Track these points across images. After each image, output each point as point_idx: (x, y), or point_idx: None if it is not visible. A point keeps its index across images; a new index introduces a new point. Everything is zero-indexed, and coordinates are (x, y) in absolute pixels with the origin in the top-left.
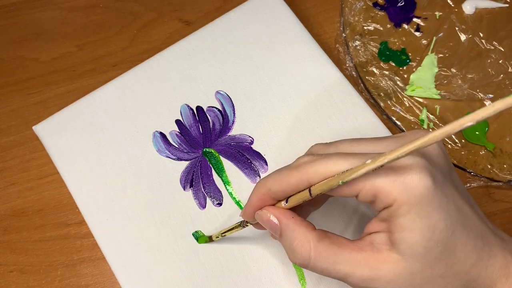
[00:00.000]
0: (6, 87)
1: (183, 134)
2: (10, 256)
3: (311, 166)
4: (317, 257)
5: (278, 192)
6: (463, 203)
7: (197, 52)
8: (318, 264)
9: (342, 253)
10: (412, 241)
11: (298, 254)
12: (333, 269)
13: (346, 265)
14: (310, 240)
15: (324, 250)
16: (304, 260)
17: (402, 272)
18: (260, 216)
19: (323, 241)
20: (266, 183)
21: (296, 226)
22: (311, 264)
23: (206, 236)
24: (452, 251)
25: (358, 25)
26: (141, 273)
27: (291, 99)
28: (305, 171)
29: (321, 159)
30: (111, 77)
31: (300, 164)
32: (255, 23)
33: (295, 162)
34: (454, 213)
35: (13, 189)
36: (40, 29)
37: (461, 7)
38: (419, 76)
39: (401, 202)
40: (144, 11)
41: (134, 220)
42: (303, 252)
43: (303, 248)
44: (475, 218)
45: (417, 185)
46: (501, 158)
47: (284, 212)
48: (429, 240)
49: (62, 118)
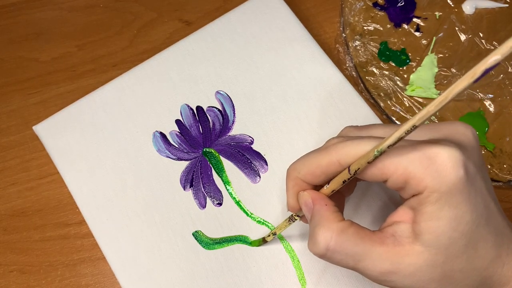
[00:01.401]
0: (6, 87)
1: (183, 134)
2: (10, 256)
3: (342, 147)
4: (336, 248)
5: (307, 175)
6: (489, 199)
7: (197, 52)
8: (336, 255)
9: (363, 246)
10: (438, 231)
11: (319, 242)
12: (351, 261)
13: (366, 259)
14: (334, 229)
15: (345, 240)
16: (322, 249)
17: (422, 265)
18: (300, 197)
19: (346, 232)
20: (296, 167)
21: (325, 213)
22: (328, 254)
23: (258, 239)
24: (474, 245)
25: (358, 25)
26: (141, 273)
27: (291, 99)
28: (335, 152)
29: (353, 140)
30: (111, 77)
31: (330, 146)
32: (255, 23)
33: (325, 144)
34: (480, 207)
35: (13, 189)
36: (40, 29)
37: (461, 7)
38: (419, 76)
39: (432, 190)
40: (144, 11)
41: (134, 220)
42: (322, 240)
43: (324, 235)
44: (498, 215)
45: (450, 174)
46: (501, 158)
47: (321, 197)
48: (455, 231)
49: (62, 118)
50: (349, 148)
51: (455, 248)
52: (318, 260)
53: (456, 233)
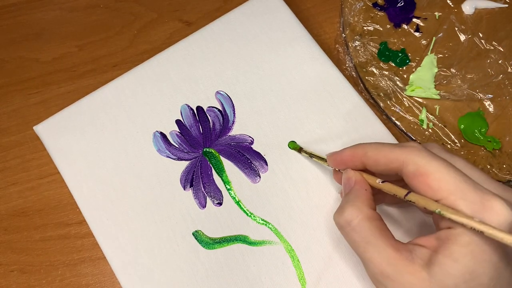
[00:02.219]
0: (6, 87)
1: (183, 134)
2: (10, 255)
3: (417, 153)
4: (356, 227)
5: (371, 158)
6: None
7: (197, 52)
8: (353, 233)
9: (380, 241)
10: (449, 271)
11: (345, 215)
12: (363, 246)
13: (375, 252)
14: (363, 212)
15: (367, 227)
16: (345, 221)
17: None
18: (347, 172)
19: (372, 221)
20: (366, 147)
21: (362, 196)
22: (348, 229)
23: (298, 145)
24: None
25: (358, 26)
26: (141, 273)
27: (291, 99)
28: (408, 153)
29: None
30: (111, 77)
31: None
32: (255, 24)
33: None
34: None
35: (13, 189)
36: (40, 29)
37: (460, 8)
38: (419, 76)
39: (467, 232)
40: (144, 11)
41: (135, 219)
42: (349, 215)
43: (352, 212)
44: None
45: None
46: (501, 158)
47: (364, 181)
48: (464, 282)
49: (63, 118)
50: (422, 159)
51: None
52: (318, 260)
53: (463, 285)
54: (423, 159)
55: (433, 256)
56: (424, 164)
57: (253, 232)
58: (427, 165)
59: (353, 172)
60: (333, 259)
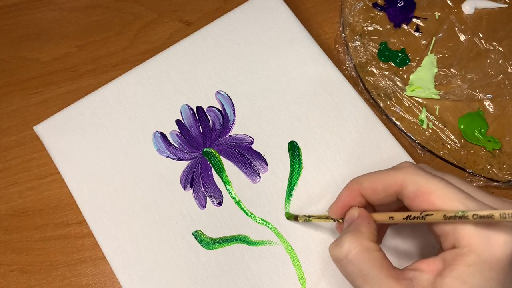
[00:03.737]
0: (6, 87)
1: (183, 134)
2: (11, 255)
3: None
4: (353, 259)
5: (368, 188)
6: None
7: (197, 53)
8: (350, 265)
9: (378, 272)
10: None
11: (341, 246)
12: (361, 279)
13: (374, 285)
14: (362, 243)
15: (366, 258)
16: (341, 254)
17: None
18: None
19: (371, 252)
20: (360, 179)
21: (362, 228)
22: (344, 261)
23: (292, 214)
24: None
25: (358, 26)
26: (141, 273)
27: (291, 99)
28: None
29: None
30: (111, 77)
31: (402, 167)
32: (255, 24)
33: (397, 165)
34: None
35: (13, 189)
36: (40, 29)
37: (460, 8)
38: (419, 76)
39: (473, 250)
40: (144, 11)
41: (134, 219)
42: (345, 246)
43: (350, 244)
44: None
45: (499, 246)
46: (501, 158)
47: (367, 216)
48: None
49: (63, 118)
50: (421, 178)
51: None
52: (318, 260)
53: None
54: (422, 178)
55: (437, 281)
56: (424, 183)
57: (253, 232)
58: (428, 184)
59: (356, 208)
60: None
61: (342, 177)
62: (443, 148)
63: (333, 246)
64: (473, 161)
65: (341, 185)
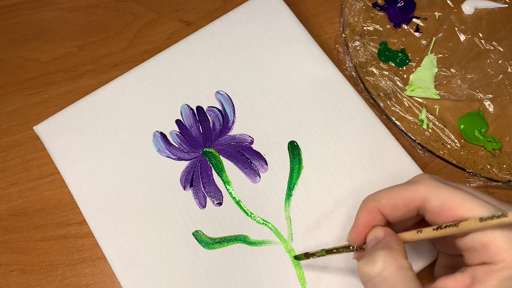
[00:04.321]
0: (6, 87)
1: (183, 134)
2: (11, 255)
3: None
4: (388, 278)
5: (387, 206)
6: None
7: (197, 53)
8: (382, 284)
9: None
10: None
11: (375, 263)
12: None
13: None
14: (396, 260)
15: (401, 277)
16: (374, 271)
17: None
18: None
19: (406, 271)
20: (376, 196)
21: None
22: (377, 279)
23: (302, 254)
24: None
25: (358, 26)
26: (141, 273)
27: (291, 99)
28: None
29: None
30: (111, 77)
31: (420, 180)
32: (255, 24)
33: (412, 178)
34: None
35: (13, 189)
36: (40, 29)
37: (460, 8)
38: (419, 76)
39: (508, 265)
40: (144, 11)
41: (134, 219)
42: (380, 263)
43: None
44: None
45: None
46: (501, 158)
47: (394, 235)
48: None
49: (63, 118)
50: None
51: None
52: (318, 260)
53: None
54: (445, 191)
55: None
56: (448, 196)
57: (253, 232)
58: (452, 197)
59: (379, 227)
60: (333, 259)
61: (342, 176)
62: (443, 148)
63: (364, 263)
64: (473, 161)
65: (341, 185)
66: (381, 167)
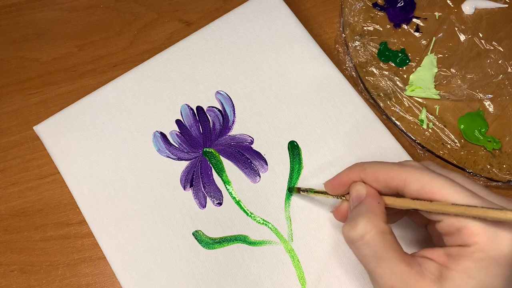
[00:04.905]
0: (6, 87)
1: (183, 134)
2: (11, 256)
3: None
4: (369, 241)
5: (370, 175)
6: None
7: (197, 53)
8: (365, 247)
9: (392, 255)
10: (463, 287)
11: (358, 229)
12: (375, 261)
13: (387, 267)
14: (378, 225)
15: (381, 241)
16: (358, 235)
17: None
18: (355, 185)
19: (386, 235)
20: (364, 164)
21: (375, 209)
22: (359, 243)
23: (295, 187)
24: None
25: (358, 26)
26: (141, 273)
27: (291, 99)
28: (409, 172)
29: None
30: (111, 77)
31: (407, 164)
32: (255, 24)
33: (402, 161)
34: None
35: (13, 189)
36: (40, 29)
37: (460, 8)
38: (419, 76)
39: (480, 248)
40: (144, 11)
41: (134, 219)
42: (362, 229)
43: (366, 225)
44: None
45: (506, 243)
46: (501, 158)
47: (376, 194)
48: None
49: (63, 118)
50: (425, 177)
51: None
52: (318, 260)
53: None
54: (426, 176)
55: (443, 271)
56: (428, 181)
57: (253, 232)
58: (432, 182)
59: (361, 184)
60: (333, 259)
61: None
62: (443, 148)
63: (347, 227)
64: (473, 161)
65: None
66: None
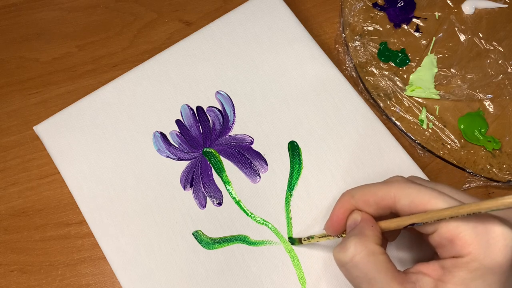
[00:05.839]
0: (6, 87)
1: (183, 134)
2: (10, 256)
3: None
4: (359, 263)
5: (360, 200)
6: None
7: (197, 53)
8: (355, 270)
9: (384, 277)
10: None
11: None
12: (366, 283)
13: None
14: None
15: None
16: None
17: None
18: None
19: (376, 256)
20: (351, 191)
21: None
22: (349, 265)
23: (296, 238)
24: None
25: (358, 26)
26: (141, 273)
27: (291, 99)
28: (396, 188)
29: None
30: (111, 77)
31: (393, 181)
32: (255, 24)
33: (388, 179)
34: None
35: (13, 189)
36: (40, 29)
37: (460, 8)
38: (419, 76)
39: (474, 258)
40: (144, 11)
41: (134, 219)
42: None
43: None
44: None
45: (499, 251)
46: (501, 158)
47: (370, 219)
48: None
49: (63, 118)
50: (413, 190)
51: None
52: (318, 260)
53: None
54: (413, 190)
55: (440, 286)
56: (416, 194)
57: (253, 232)
58: (420, 195)
59: (357, 212)
60: (333, 259)
61: (342, 177)
62: (443, 148)
63: (337, 250)
64: (473, 161)
65: (341, 185)
66: (381, 167)
